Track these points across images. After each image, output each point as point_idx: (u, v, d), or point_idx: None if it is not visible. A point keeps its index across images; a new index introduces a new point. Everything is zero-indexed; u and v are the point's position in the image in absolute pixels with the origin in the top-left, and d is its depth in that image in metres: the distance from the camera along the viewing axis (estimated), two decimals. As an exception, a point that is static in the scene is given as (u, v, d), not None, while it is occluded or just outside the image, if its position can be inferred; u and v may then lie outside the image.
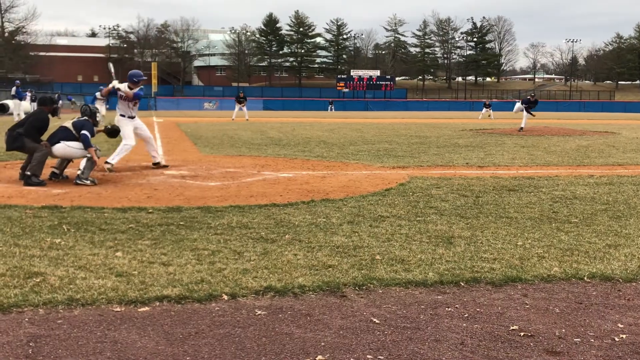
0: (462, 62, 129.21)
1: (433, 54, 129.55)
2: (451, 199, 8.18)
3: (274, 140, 19.39)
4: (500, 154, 14.90)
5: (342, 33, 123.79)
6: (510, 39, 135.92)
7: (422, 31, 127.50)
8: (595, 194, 8.70)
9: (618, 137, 22.39)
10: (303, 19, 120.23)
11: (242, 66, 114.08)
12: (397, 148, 16.39)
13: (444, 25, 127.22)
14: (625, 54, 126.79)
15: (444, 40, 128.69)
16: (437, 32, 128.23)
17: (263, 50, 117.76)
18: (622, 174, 11.01)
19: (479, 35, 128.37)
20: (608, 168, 12.07)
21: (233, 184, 9.57)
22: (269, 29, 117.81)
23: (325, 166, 12.05)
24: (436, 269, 4.90)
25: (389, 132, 24.81)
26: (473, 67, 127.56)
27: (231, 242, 5.69)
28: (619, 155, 14.89)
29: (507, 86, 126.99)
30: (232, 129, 26.41)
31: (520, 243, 5.80)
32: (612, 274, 4.84)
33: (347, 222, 6.67)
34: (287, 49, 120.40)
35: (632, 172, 11.31)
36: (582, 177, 10.59)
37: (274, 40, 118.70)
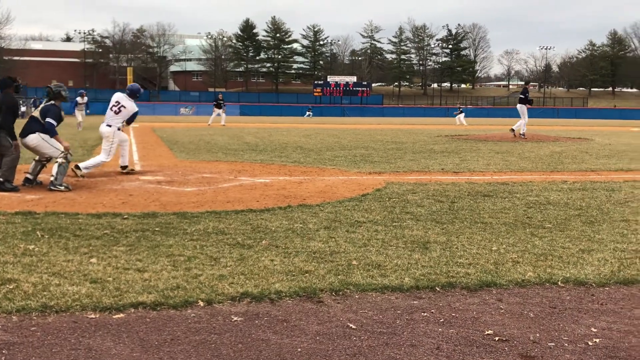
0: (437, 68, 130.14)
1: (409, 60, 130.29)
2: (427, 205, 8.23)
3: (251, 145, 19.35)
4: (475, 159, 15.02)
5: (318, 39, 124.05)
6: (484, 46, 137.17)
7: (398, 38, 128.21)
8: (569, 200, 8.80)
9: (591, 143, 22.69)
10: (280, 24, 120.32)
11: (219, 71, 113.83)
12: (374, 154, 16.45)
13: (420, 32, 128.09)
14: (598, 61, 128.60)
15: (420, 47, 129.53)
16: (413, 38, 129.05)
17: (240, 55, 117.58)
18: (595, 180, 11.15)
19: (454, 42, 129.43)
20: (581, 174, 12.22)
21: (209, 189, 9.53)
22: (246, 34, 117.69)
23: (302, 172, 12.05)
24: (412, 274, 4.92)
25: (365, 137, 24.89)
26: (448, 74, 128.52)
27: (207, 248, 5.67)
28: (592, 161, 15.08)
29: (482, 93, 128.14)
30: (208, 134, 26.32)
31: (495, 248, 5.85)
32: (585, 279, 4.90)
33: (324, 227, 6.68)
34: (264, 55, 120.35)
35: (604, 178, 11.46)
36: (555, 182, 10.71)
37: (251, 46, 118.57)
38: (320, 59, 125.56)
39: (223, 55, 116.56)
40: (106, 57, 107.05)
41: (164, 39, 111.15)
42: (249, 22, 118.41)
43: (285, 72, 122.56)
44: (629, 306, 4.35)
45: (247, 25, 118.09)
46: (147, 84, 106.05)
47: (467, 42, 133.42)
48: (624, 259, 5.49)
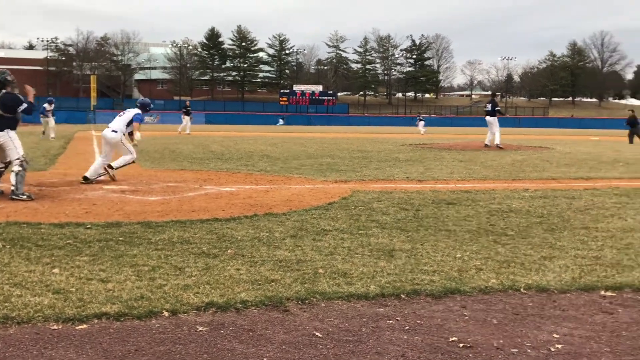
0: (402, 78, 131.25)
1: (374, 70, 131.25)
2: (392, 213, 8.29)
3: (217, 154, 19.26)
4: (439, 168, 15.17)
5: (284, 48, 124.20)
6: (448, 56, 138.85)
7: (363, 48, 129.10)
8: (531, 207, 8.94)
9: (552, 152, 23.07)
10: (245, 33, 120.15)
11: (184, 80, 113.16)
12: (340, 162, 16.50)
13: (384, 42, 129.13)
14: (558, 71, 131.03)
15: (385, 56, 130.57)
16: (378, 48, 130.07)
17: (205, 64, 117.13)
18: (556, 188, 11.34)
19: (417, 52, 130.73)
20: (542, 182, 12.42)
21: (174, 198, 9.46)
22: (211, 43, 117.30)
23: (269, 180, 12.04)
24: (378, 282, 4.95)
25: (331, 146, 24.96)
26: (412, 84, 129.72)
27: (172, 257, 5.62)
28: (553, 169, 15.33)
29: (445, 102, 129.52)
30: (173, 142, 26.12)
31: (459, 255, 5.91)
32: (547, 285, 4.98)
33: (290, 236, 6.68)
34: (230, 63, 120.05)
35: (565, 186, 11.66)
36: (517, 190, 10.87)
37: (217, 54, 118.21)
38: (286, 68, 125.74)
39: (188, 64, 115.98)
40: (69, 66, 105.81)
41: (128, 47, 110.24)
42: (215, 31, 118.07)
43: (251, 81, 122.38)
44: (589, 312, 4.43)
45: (212, 34, 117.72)
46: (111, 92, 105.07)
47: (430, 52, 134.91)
48: (584, 266, 5.60)
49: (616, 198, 10.02)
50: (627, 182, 12.41)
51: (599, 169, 15.58)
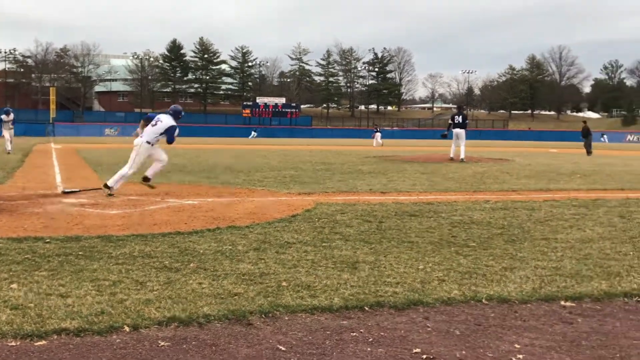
0: (364, 91, 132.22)
1: (337, 82, 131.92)
2: (355, 225, 8.31)
3: (178, 166, 19.10)
4: (402, 180, 15.27)
5: (247, 60, 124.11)
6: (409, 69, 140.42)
7: (325, 60, 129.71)
8: (492, 219, 9.05)
9: (512, 164, 23.42)
10: (208, 45, 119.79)
11: (146, 92, 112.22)
12: (303, 174, 16.50)
13: (347, 55, 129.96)
14: (517, 84, 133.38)
15: (347, 69, 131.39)
16: (341, 61, 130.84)
17: (167, 76, 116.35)
18: (516, 199, 11.50)
19: (380, 65, 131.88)
20: (503, 194, 12.58)
21: (135, 211, 9.35)
22: (173, 54, 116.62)
23: (231, 193, 11.97)
24: (341, 294, 4.95)
25: (294, 158, 24.97)
26: (375, 96, 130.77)
27: (133, 271, 5.55)
28: (513, 181, 15.55)
29: (407, 115, 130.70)
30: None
31: (421, 267, 5.95)
32: (508, 296, 5.04)
33: (253, 249, 6.65)
34: (192, 75, 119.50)
35: (525, 197, 11.84)
36: (478, 202, 11.00)
37: (178, 66, 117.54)
38: (249, 80, 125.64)
39: (150, 76, 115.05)
40: (28, 77, 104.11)
41: (88, 58, 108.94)
42: (177, 43, 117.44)
43: (214, 93, 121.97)
44: (550, 322, 4.49)
45: (174, 46, 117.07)
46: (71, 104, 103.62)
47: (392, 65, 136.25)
48: (544, 276, 5.68)
49: (575, 209, 10.21)
50: (585, 194, 12.66)
51: (557, 180, 15.86)
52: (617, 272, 5.87)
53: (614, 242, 7.37)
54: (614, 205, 10.71)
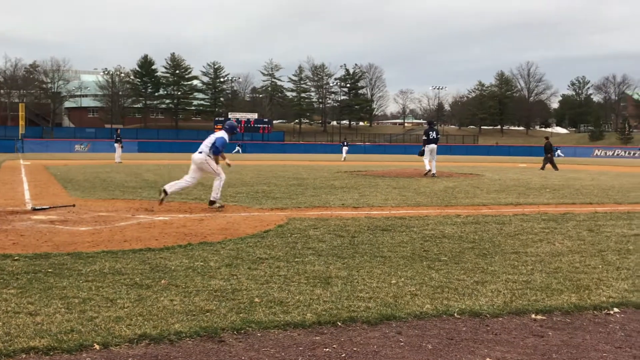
0: (336, 106, 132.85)
1: (309, 98, 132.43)
2: (328, 240, 8.31)
3: (150, 182, 18.96)
4: (374, 195, 15.32)
5: (219, 76, 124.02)
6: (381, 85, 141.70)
7: (297, 76, 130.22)
8: (463, 233, 9.11)
9: (482, 178, 23.64)
10: (179, 61, 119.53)
11: (116, 107, 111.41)
12: (275, 190, 16.48)
13: (319, 71, 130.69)
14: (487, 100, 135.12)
15: (319, 85, 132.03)
16: (313, 77, 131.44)
17: (138, 91, 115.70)
18: (486, 214, 11.61)
19: (351, 81, 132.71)
20: (474, 208, 12.69)
21: (105, 228, 9.24)
22: (144, 70, 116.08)
23: (203, 209, 11.90)
24: (314, 310, 4.94)
25: (267, 174, 24.93)
26: (347, 112, 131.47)
27: (103, 289, 5.47)
28: (484, 195, 15.70)
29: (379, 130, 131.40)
30: (104, 171, 25.59)
31: (394, 281, 5.96)
32: (480, 310, 5.06)
33: (225, 265, 6.60)
34: (163, 91, 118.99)
35: (495, 212, 11.95)
36: (450, 216, 11.07)
37: (150, 82, 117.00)
38: (221, 96, 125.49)
39: (120, 92, 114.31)
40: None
41: (58, 74, 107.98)
42: (148, 58, 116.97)
43: (185, 109, 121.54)
44: (521, 335, 4.52)
45: (145, 61, 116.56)
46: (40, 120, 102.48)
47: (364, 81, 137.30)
48: (515, 290, 5.72)
49: (544, 223, 10.33)
50: (554, 208, 12.82)
51: (527, 195, 16.04)
52: (587, 286, 5.93)
53: (583, 256, 7.47)
54: (582, 219, 10.86)
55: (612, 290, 5.75)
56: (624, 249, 7.93)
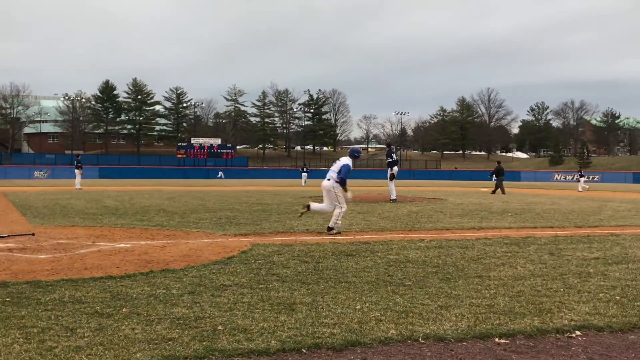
0: (300, 131, 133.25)
1: (272, 123, 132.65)
2: (292, 265, 8.27)
3: (111, 209, 18.69)
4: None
5: (182, 101, 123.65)
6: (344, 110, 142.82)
7: (261, 102, 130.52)
8: (427, 257, 9.15)
9: (445, 203, 23.85)
10: (141, 86, 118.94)
11: (77, 133, 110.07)
12: (239, 215, 16.38)
13: (283, 97, 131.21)
14: (448, 125, 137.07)
15: (283, 110, 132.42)
16: (276, 102, 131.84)
17: (99, 117, 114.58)
18: (450, 238, 11.69)
19: (315, 106, 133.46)
20: (437, 232, 12.77)
21: (65, 256, 9.06)
22: (106, 95, 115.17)
23: (165, 235, 11.77)
24: (278, 337, 4.89)
25: (230, 199, 24.78)
26: (311, 137, 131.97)
27: (63, 318, 5.35)
28: (447, 220, 15.82)
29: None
30: (64, 198, 25.17)
31: (359, 307, 5.95)
32: (444, 334, 5.07)
33: (188, 292, 6.52)
34: (125, 116, 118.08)
35: (459, 236, 12.05)
36: (413, 241, 11.12)
37: (111, 107, 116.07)
38: (183, 121, 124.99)
39: (81, 117, 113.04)
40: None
41: (17, 100, 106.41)
42: (109, 84, 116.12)
43: (147, 134, 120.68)
44: (485, 359, 4.53)
45: (107, 87, 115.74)
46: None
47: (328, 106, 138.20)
48: (479, 314, 5.75)
49: (506, 247, 10.44)
50: (516, 232, 12.98)
51: (489, 219, 16.22)
52: (549, 309, 6.00)
53: (545, 279, 7.55)
54: (544, 243, 11.01)
55: (574, 314, 5.82)
56: (585, 272, 8.05)
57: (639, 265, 8.62)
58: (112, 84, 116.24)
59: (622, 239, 11.85)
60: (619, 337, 5.15)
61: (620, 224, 15.25)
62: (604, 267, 8.49)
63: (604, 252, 9.96)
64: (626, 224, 15.30)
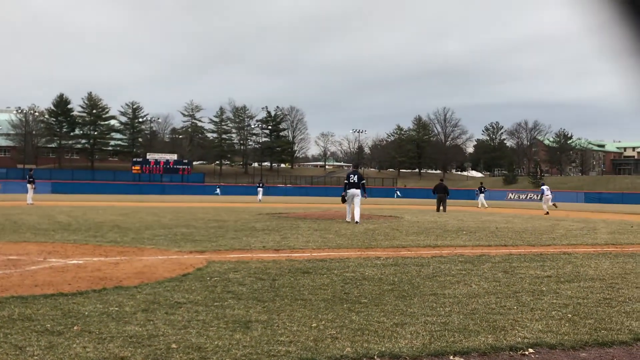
0: (258, 148, 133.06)
1: (230, 139, 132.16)
2: (249, 283, 8.21)
3: (63, 225, 18.33)
4: (295, 237, 15.31)
5: (137, 116, 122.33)
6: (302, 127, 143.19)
7: (219, 117, 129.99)
8: (383, 275, 9.19)
9: (401, 220, 24.03)
10: (96, 100, 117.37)
11: (29, 147, 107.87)
12: (195, 232, 16.23)
13: (240, 113, 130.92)
14: (405, 144, 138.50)
15: (240, 126, 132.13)
16: (234, 119, 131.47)
17: (53, 131, 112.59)
18: (406, 255, 11.76)
19: (273, 123, 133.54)
20: (393, 250, 12.84)
21: (15, 272, 8.84)
22: (60, 109, 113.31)
23: (119, 252, 11.58)
24: (233, 355, 4.84)
25: (186, 216, 24.54)
26: (268, 154, 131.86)
27: (12, 336, 5.21)
28: (403, 237, 15.93)
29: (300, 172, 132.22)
30: (15, 213, 24.60)
31: (314, 324, 5.93)
32: (399, 352, 5.08)
33: (141, 310, 6.41)
34: (79, 131, 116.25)
35: (414, 254, 12.13)
36: (370, 258, 11.16)
37: (65, 121, 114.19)
38: (139, 136, 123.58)
39: (34, 131, 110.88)
40: None
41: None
42: (64, 97, 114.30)
43: (102, 149, 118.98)
44: (439, 376, 4.56)
45: (61, 100, 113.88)
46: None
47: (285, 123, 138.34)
48: (434, 332, 5.78)
49: (461, 265, 10.55)
50: (470, 250, 13.13)
51: (444, 237, 16.39)
52: (503, 326, 6.06)
53: (498, 297, 7.64)
54: (498, 261, 11.16)
55: (527, 331, 5.89)
56: (538, 290, 8.17)
57: (590, 284, 8.80)
58: (66, 98, 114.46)
59: (574, 257, 12.09)
60: (570, 354, 5.23)
61: (572, 242, 15.57)
62: (557, 285, 8.64)
63: (557, 270, 10.15)
64: (578, 242, 15.62)
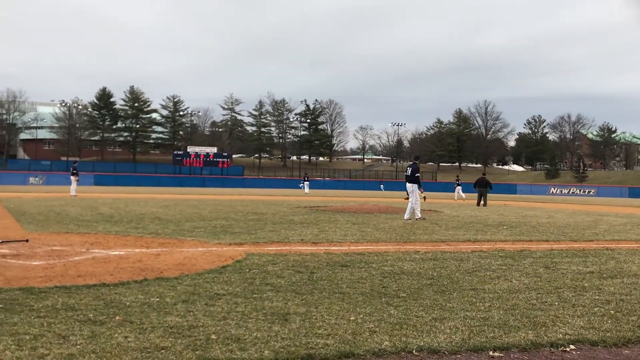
0: (296, 141, 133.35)
1: (269, 133, 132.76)
2: (287, 275, 8.25)
3: (105, 216, 18.65)
4: (333, 230, 15.32)
5: (178, 109, 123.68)
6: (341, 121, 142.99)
7: (258, 111, 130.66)
8: (421, 269, 9.14)
9: (440, 215, 23.85)
10: (138, 94, 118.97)
11: (73, 140, 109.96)
12: (234, 224, 16.35)
13: (279, 106, 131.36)
14: (445, 137, 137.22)
15: (279, 120, 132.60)
16: (273, 112, 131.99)
17: (95, 124, 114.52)
18: (445, 250, 11.69)
19: (312, 117, 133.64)
20: (432, 244, 12.76)
21: (59, 262, 9.03)
22: (102, 103, 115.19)
23: (160, 243, 11.74)
24: (272, 347, 4.87)
25: (226, 208, 24.75)
26: (307, 147, 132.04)
27: (56, 325, 5.32)
28: (442, 232, 15.82)
29: (339, 165, 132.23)
30: (59, 204, 25.11)
31: (352, 318, 5.93)
32: (438, 347, 5.06)
33: (181, 301, 6.49)
34: (122, 124, 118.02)
35: (454, 248, 12.04)
36: (408, 252, 11.11)
37: (108, 115, 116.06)
38: (180, 129, 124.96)
39: (77, 124, 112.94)
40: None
41: (14, 105, 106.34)
42: (106, 91, 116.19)
43: (144, 142, 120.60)
44: (478, 372, 4.52)
45: (103, 94, 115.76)
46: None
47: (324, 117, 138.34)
48: (473, 327, 5.74)
49: (502, 260, 10.43)
50: (511, 245, 12.97)
51: (484, 231, 16.22)
52: (543, 322, 5.98)
53: (539, 293, 7.54)
54: (539, 256, 11.01)
55: (568, 327, 5.81)
56: (580, 286, 8.04)
57: (633, 280, 8.63)
58: (109, 91, 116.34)
59: (617, 253, 11.87)
60: (612, 351, 5.14)
61: (615, 238, 15.27)
62: (599, 281, 8.50)
63: (599, 266, 9.97)
64: (621, 238, 15.32)
